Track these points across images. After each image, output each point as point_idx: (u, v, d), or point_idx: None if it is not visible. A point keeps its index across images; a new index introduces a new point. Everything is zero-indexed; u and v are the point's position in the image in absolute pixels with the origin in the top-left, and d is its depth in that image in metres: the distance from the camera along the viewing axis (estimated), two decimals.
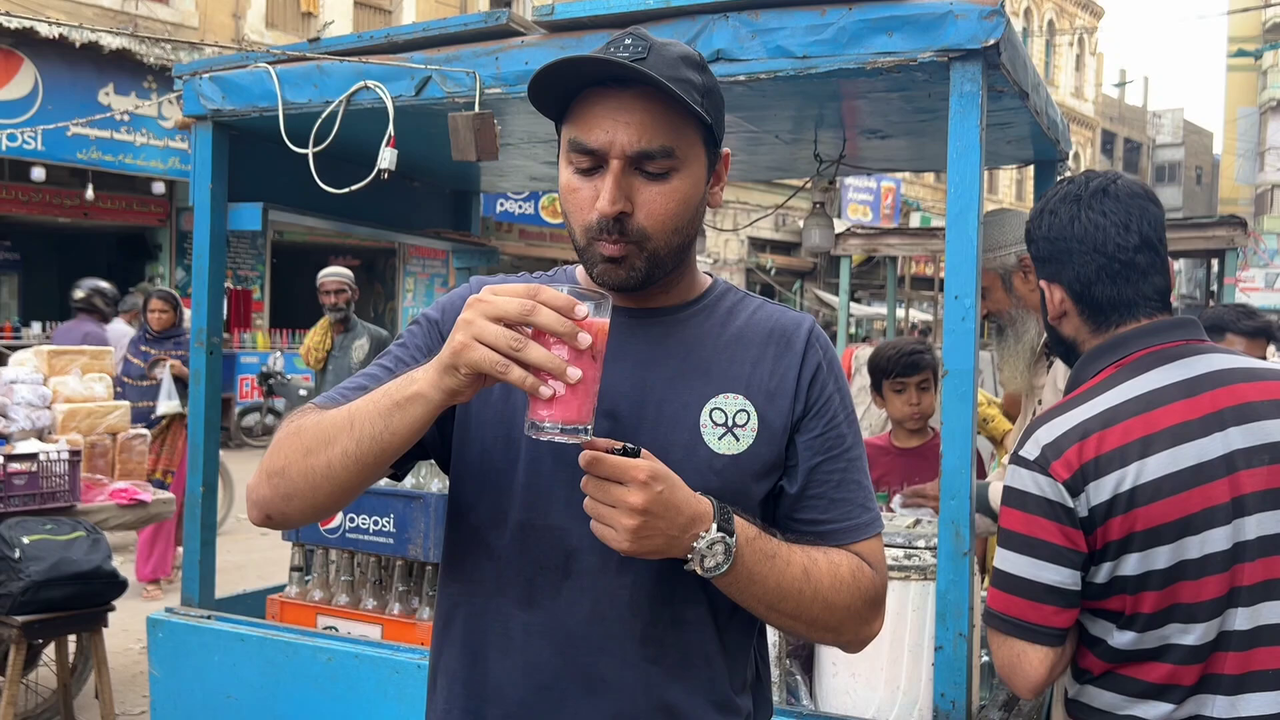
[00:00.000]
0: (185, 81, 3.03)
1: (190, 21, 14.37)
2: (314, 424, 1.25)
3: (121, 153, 13.32)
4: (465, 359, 1.11)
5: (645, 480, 1.16)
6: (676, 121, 1.28)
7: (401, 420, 1.17)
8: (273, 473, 1.27)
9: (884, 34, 2.27)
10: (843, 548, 1.36)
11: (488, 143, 2.62)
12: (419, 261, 18.95)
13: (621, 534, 1.17)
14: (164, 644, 2.98)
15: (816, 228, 3.43)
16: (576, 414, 1.13)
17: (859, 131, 2.98)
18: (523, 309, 1.10)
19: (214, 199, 3.03)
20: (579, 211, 1.31)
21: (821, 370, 1.40)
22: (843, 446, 1.39)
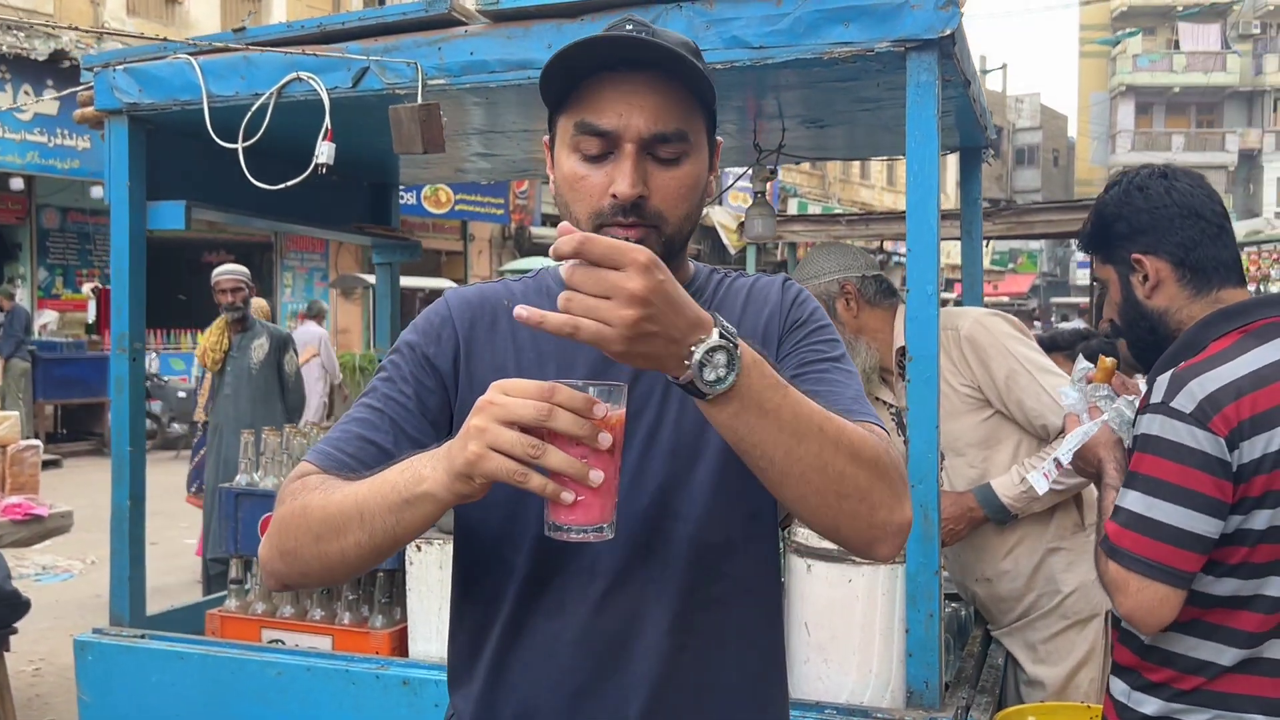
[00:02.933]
0: (97, 74, 2.86)
1: (44, 8, 13.62)
2: (320, 508, 1.20)
3: None
4: (481, 470, 1.05)
5: (646, 264, 1.00)
6: (687, 106, 1.28)
7: (412, 516, 1.13)
8: (285, 552, 1.24)
9: (840, 24, 2.29)
10: None
11: (434, 135, 2.55)
12: (297, 255, 18.43)
13: (617, 327, 1.00)
14: (94, 667, 2.82)
15: (759, 217, 3.46)
16: (599, 514, 1.10)
17: (799, 121, 3.00)
18: (539, 414, 1.04)
19: (132, 198, 2.87)
20: (587, 199, 1.28)
21: (795, 307, 1.39)
22: (822, 356, 1.34)
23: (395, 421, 1.32)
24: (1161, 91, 42.59)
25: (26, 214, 14.23)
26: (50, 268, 14.63)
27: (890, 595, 2.36)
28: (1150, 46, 41.75)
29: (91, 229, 15.08)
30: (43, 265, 14.45)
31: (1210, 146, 42.13)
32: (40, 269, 14.43)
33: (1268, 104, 42.32)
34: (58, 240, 14.76)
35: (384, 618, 2.82)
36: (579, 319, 1.01)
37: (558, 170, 1.33)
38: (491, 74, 2.55)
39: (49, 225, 14.60)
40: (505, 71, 2.54)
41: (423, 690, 2.56)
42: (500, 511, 1.32)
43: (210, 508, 5.76)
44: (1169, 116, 43.63)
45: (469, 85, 2.58)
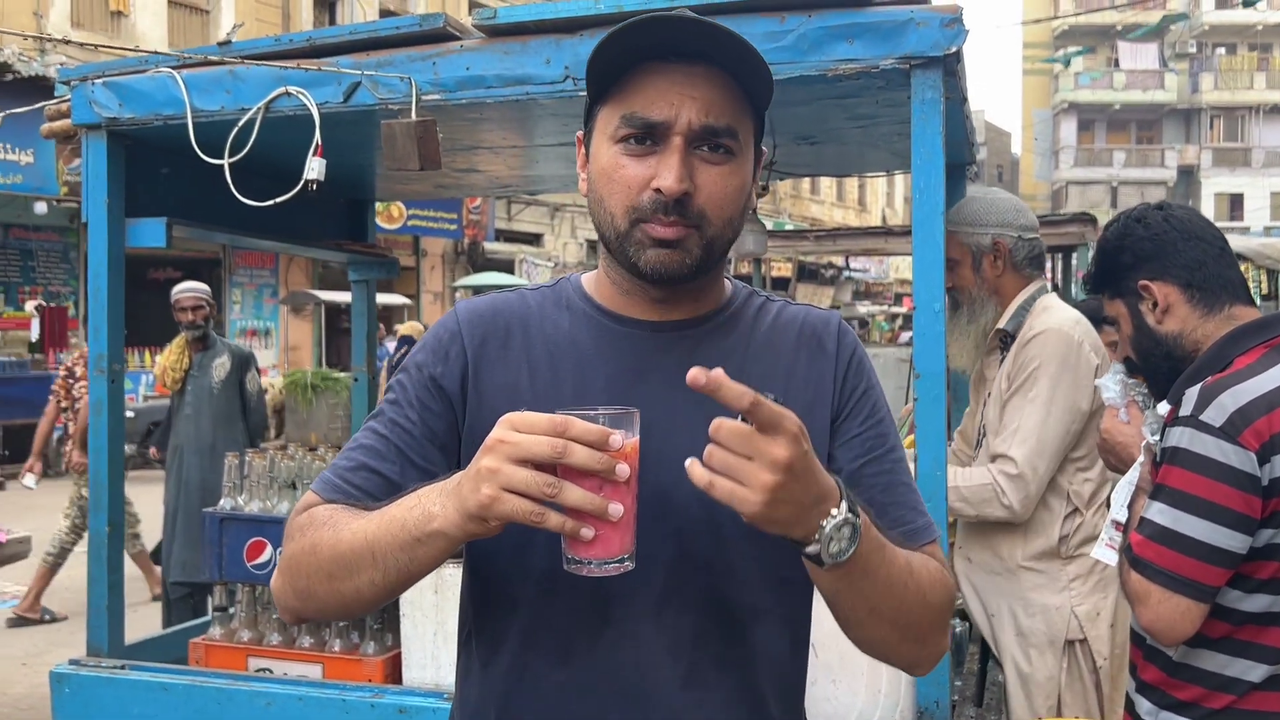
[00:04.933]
0: (74, 87, 2.77)
1: None
2: (330, 546, 1.16)
3: None
4: (496, 512, 1.01)
5: (796, 433, 0.99)
6: (740, 105, 1.21)
7: (425, 554, 1.09)
8: (299, 591, 1.21)
9: (844, 41, 2.28)
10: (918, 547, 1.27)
11: (431, 151, 2.50)
12: (246, 271, 18.16)
13: (757, 492, 0.98)
14: (72, 700, 2.72)
15: (750, 234, 3.44)
16: (619, 546, 1.06)
17: (791, 138, 2.99)
18: (554, 450, 0.99)
19: (111, 215, 2.78)
20: (625, 192, 1.19)
21: (854, 369, 1.31)
22: (885, 446, 1.30)
23: (401, 450, 1.26)
24: (1103, 108, 43.56)
25: None
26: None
27: None
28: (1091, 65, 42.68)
29: (34, 245, 14.74)
30: None
31: (1150, 163, 43.15)
32: None
33: (1204, 121, 43.44)
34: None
35: (376, 644, 2.75)
36: (716, 476, 0.99)
37: (594, 163, 1.24)
38: (488, 89, 2.51)
39: None
40: (502, 87, 2.51)
41: (419, 718, 2.49)
42: (511, 539, 1.17)
43: (171, 531, 5.61)
44: (1110, 133, 44.61)
45: (465, 101, 2.54)
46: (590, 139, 1.26)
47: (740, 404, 0.98)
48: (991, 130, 46.83)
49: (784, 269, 20.75)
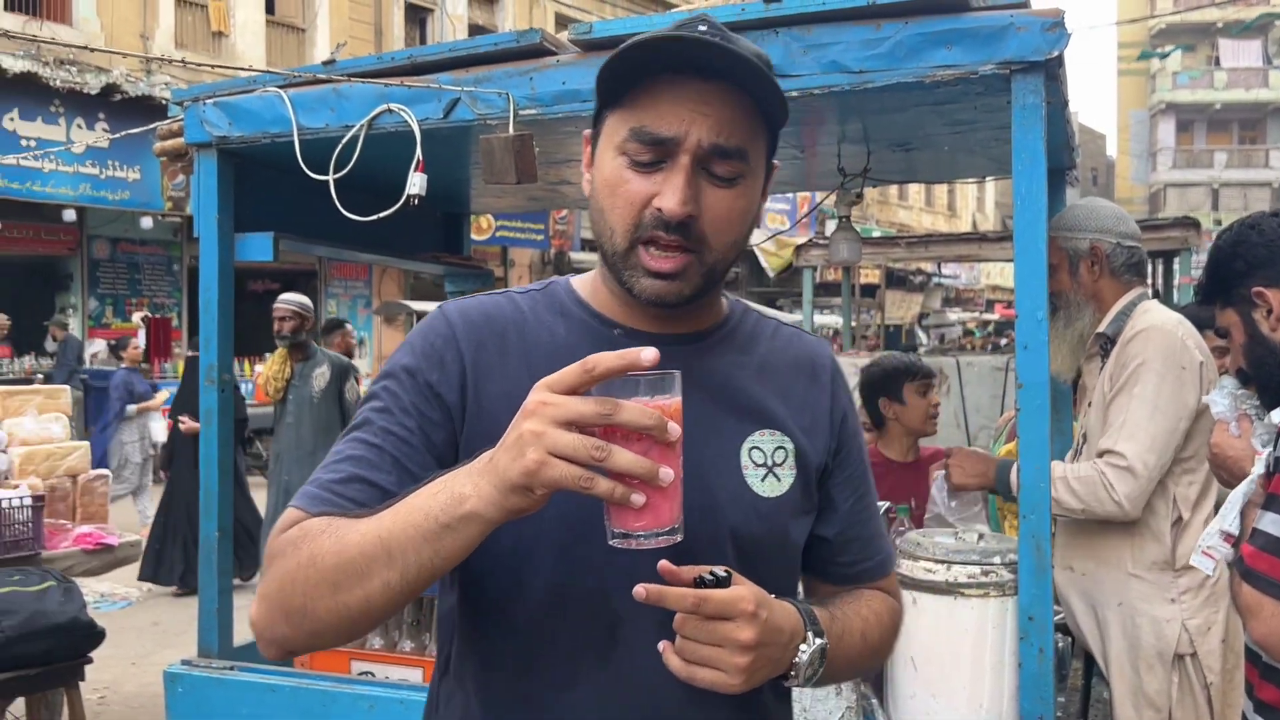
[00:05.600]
0: (186, 108, 2.88)
1: (96, 43, 13.86)
2: (334, 554, 1.04)
3: (29, 180, 12.78)
4: (544, 479, 0.93)
5: (754, 611, 1.05)
6: (753, 124, 1.16)
7: (453, 543, 0.99)
8: (291, 611, 1.07)
9: (943, 47, 2.26)
10: (874, 583, 1.37)
11: (527, 164, 2.54)
12: (341, 283, 18.58)
13: (733, 674, 1.05)
14: (184, 699, 2.82)
15: (844, 241, 3.43)
16: (670, 515, 0.99)
17: (886, 145, 2.97)
18: (602, 410, 0.93)
19: (221, 230, 2.89)
20: (627, 207, 1.15)
21: (846, 405, 1.35)
22: (867, 484, 1.37)
23: (397, 459, 1.16)
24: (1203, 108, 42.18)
25: (78, 245, 14.45)
26: (101, 298, 14.82)
27: (1000, 629, 2.30)
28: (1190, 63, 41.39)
29: (141, 259, 15.28)
30: (94, 295, 14.64)
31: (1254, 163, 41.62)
32: (91, 299, 14.62)
33: None
34: (108, 270, 14.96)
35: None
36: (694, 668, 1.05)
37: (597, 171, 1.20)
38: (584, 103, 2.54)
39: (99, 256, 14.81)
40: None
41: None
42: (509, 557, 1.17)
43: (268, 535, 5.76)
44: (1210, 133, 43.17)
45: (560, 115, 2.58)
46: (597, 142, 1.22)
47: (684, 607, 1.03)
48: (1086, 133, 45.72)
49: (872, 275, 20.53)
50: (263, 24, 16.39)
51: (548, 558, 1.16)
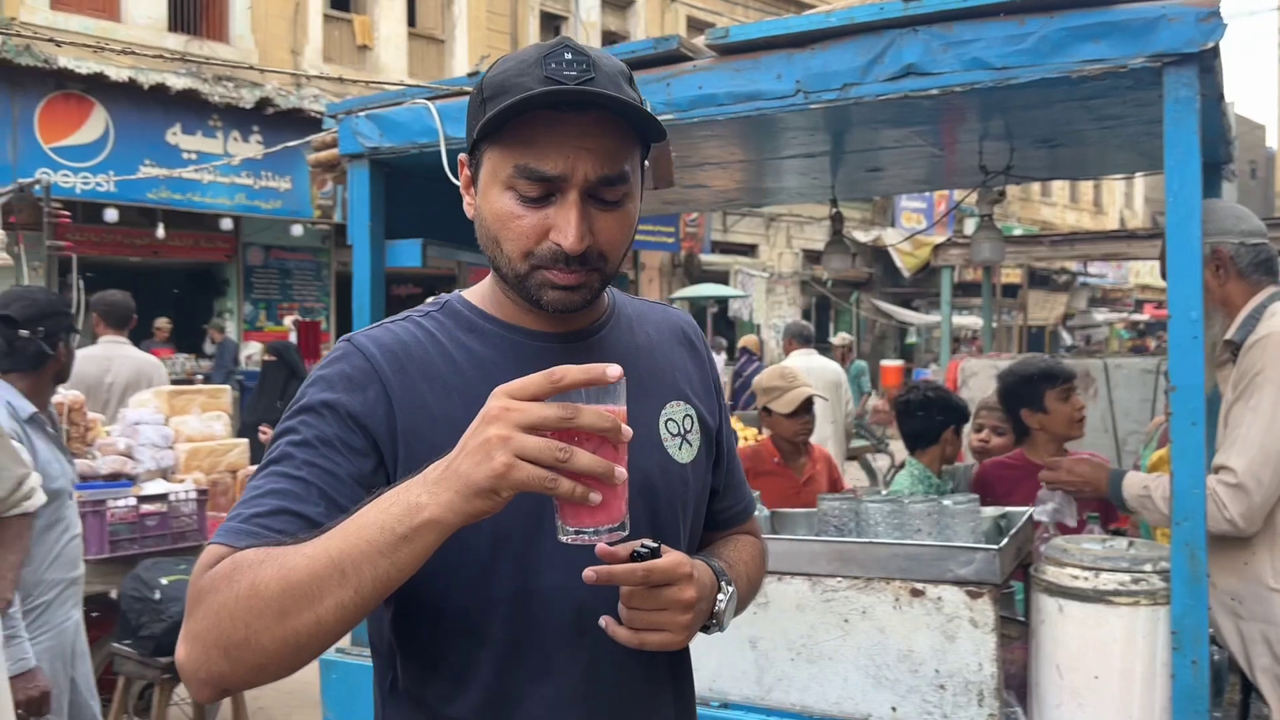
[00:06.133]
0: (340, 120, 3.02)
1: (250, 59, 14.55)
2: (279, 580, 1.01)
3: (189, 191, 13.50)
4: (511, 481, 0.97)
5: (690, 572, 1.17)
6: (629, 143, 1.22)
7: (410, 553, 1.00)
8: (230, 646, 1.03)
9: (1089, 41, 2.20)
10: (745, 526, 1.54)
11: (664, 170, 2.58)
12: None
13: (679, 632, 1.17)
14: (338, 685, 2.95)
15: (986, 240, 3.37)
16: (620, 511, 1.06)
17: (1030, 141, 2.91)
18: (565, 414, 0.98)
19: (373, 237, 3.02)
20: (522, 239, 1.20)
21: (714, 367, 1.49)
22: (734, 439, 1.53)
23: (324, 491, 1.15)
24: None
25: (234, 252, 15.20)
26: (255, 302, 15.55)
27: (1151, 638, 2.23)
28: None
29: (291, 265, 15.97)
30: (248, 300, 15.37)
31: None
32: (246, 303, 15.35)
33: None
34: (261, 276, 15.69)
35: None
36: (644, 634, 1.17)
37: (485, 203, 1.22)
38: (719, 107, 2.57)
39: (254, 262, 15.54)
40: (733, 104, 2.56)
41: None
42: (468, 572, 1.21)
43: None
44: None
45: (696, 119, 2.61)
46: (477, 171, 1.25)
47: (634, 580, 1.13)
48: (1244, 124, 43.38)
49: (1013, 275, 19.92)
50: (405, 36, 16.92)
51: (507, 567, 1.21)
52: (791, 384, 3.86)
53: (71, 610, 3.31)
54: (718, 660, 2.58)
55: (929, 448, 3.57)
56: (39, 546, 3.11)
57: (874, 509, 2.56)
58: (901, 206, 24.06)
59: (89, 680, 3.43)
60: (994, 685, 2.32)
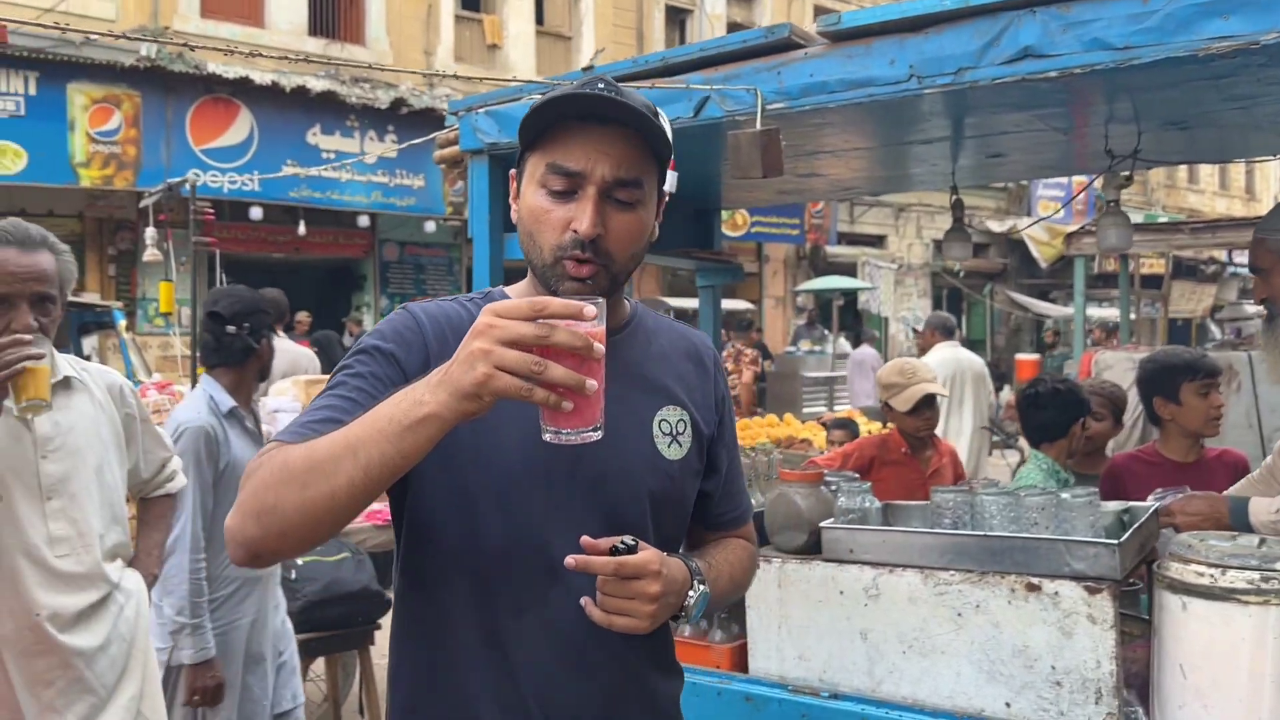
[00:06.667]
0: (461, 117, 3.11)
1: (385, 60, 15.04)
2: (303, 458, 1.22)
3: (329, 190, 14.03)
4: (491, 388, 1.13)
5: (659, 570, 1.37)
6: (645, 159, 1.44)
7: (414, 442, 1.17)
8: (262, 511, 1.23)
9: (1218, 18, 2.11)
10: (739, 531, 1.73)
11: (773, 159, 2.58)
12: None
13: (643, 620, 1.37)
14: None
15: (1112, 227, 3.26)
16: (593, 416, 1.21)
17: (1158, 124, 2.80)
18: (539, 332, 1.14)
19: (492, 229, 3.10)
20: (550, 232, 1.42)
21: (724, 388, 1.68)
22: (737, 449, 1.74)
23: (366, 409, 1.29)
24: None
25: (371, 248, 15.74)
26: (390, 296, 16.07)
27: None
28: None
29: (425, 260, 16.45)
30: (384, 294, 15.90)
31: None
32: (382, 297, 15.88)
33: None
34: (396, 271, 16.21)
35: (724, 633, 2.86)
36: (613, 617, 1.37)
37: (522, 203, 1.47)
38: (830, 94, 2.56)
39: (389, 258, 16.06)
40: (844, 91, 2.54)
41: (765, 707, 2.58)
42: (466, 517, 1.43)
43: None
44: None
45: (808, 107, 2.60)
46: (521, 180, 1.50)
47: (606, 571, 1.34)
48: None
49: (1156, 265, 19.07)
50: (533, 34, 17.22)
51: (496, 515, 1.43)
52: (910, 380, 3.80)
53: (246, 609, 3.31)
54: (829, 651, 2.57)
55: (1056, 441, 3.48)
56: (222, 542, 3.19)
57: (989, 501, 2.51)
58: (1038, 195, 23.28)
59: (266, 685, 3.38)
60: (1112, 683, 2.25)
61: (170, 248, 5.84)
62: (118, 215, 13.06)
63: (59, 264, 2.43)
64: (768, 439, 7.10)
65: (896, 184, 4.03)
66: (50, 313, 2.39)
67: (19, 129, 11.53)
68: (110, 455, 2.61)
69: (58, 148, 11.85)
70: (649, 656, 1.57)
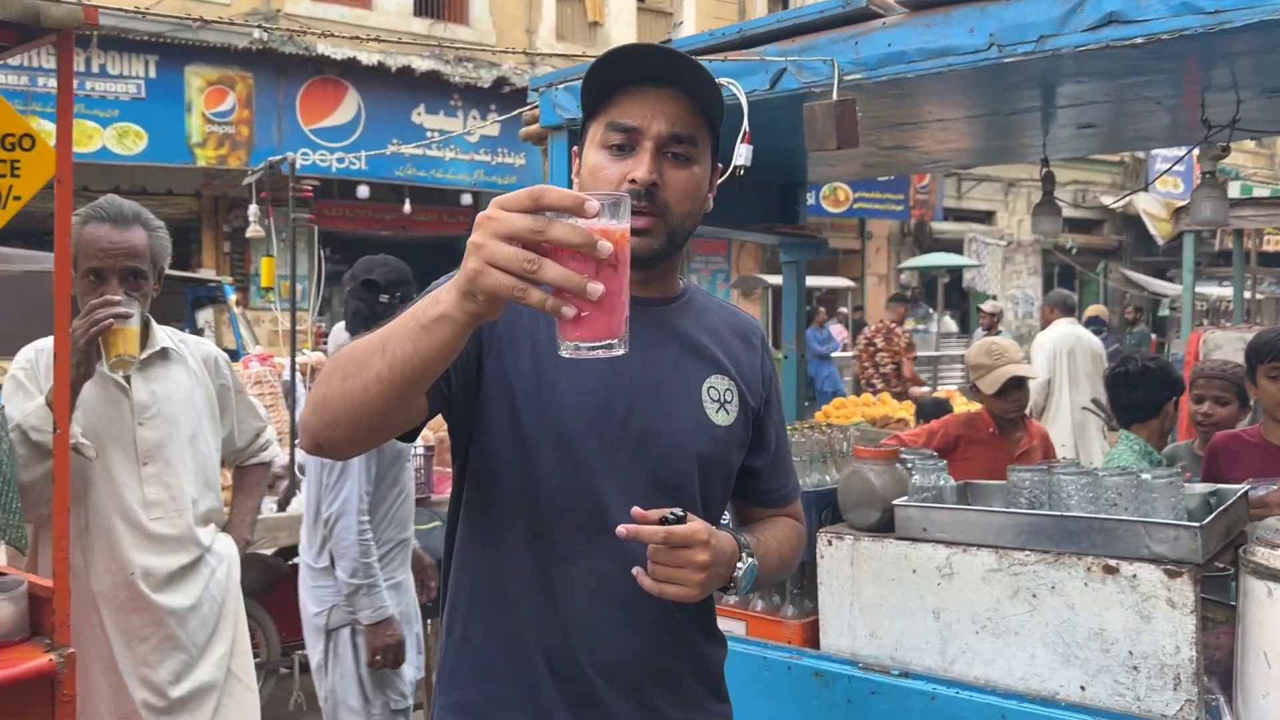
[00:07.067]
0: (541, 94, 3.14)
1: (488, 40, 15.22)
2: (349, 352, 1.25)
3: (434, 169, 14.28)
4: (480, 285, 1.06)
5: (707, 539, 1.39)
6: (699, 121, 1.49)
7: (430, 343, 1.14)
8: (318, 402, 1.27)
9: None
10: (787, 508, 1.76)
11: (849, 130, 2.55)
12: (701, 258, 19.21)
13: (692, 588, 1.39)
14: None
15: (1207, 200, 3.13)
16: (606, 330, 1.09)
17: (1258, 91, 2.68)
18: (534, 226, 1.04)
19: None
20: (607, 185, 1.45)
21: (771, 368, 1.71)
22: (785, 428, 1.77)
23: None
24: None
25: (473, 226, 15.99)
26: None
27: None
28: None
29: None
30: None
31: None
32: None
33: None
34: None
35: (796, 608, 2.86)
36: (664, 585, 1.39)
37: (584, 164, 1.52)
38: (909, 64, 2.51)
39: None
40: (923, 60, 2.50)
41: (835, 684, 2.57)
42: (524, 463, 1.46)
43: None
44: None
45: (885, 78, 2.56)
46: (583, 149, 1.54)
47: (655, 540, 1.37)
48: None
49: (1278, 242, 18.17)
50: (634, 11, 17.21)
51: (554, 463, 1.46)
52: (997, 361, 3.72)
53: (398, 572, 3.39)
54: (901, 629, 2.55)
55: (1148, 421, 3.37)
56: (379, 506, 3.27)
57: (1067, 481, 2.44)
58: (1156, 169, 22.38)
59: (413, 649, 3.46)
60: (1192, 670, 2.18)
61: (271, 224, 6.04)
62: (232, 194, 13.53)
63: (151, 240, 2.54)
64: (863, 418, 7.02)
65: (986, 156, 3.93)
66: (142, 287, 2.50)
67: (140, 111, 12.03)
68: (204, 424, 2.73)
69: (176, 129, 12.32)
70: (694, 618, 1.59)
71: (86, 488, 2.49)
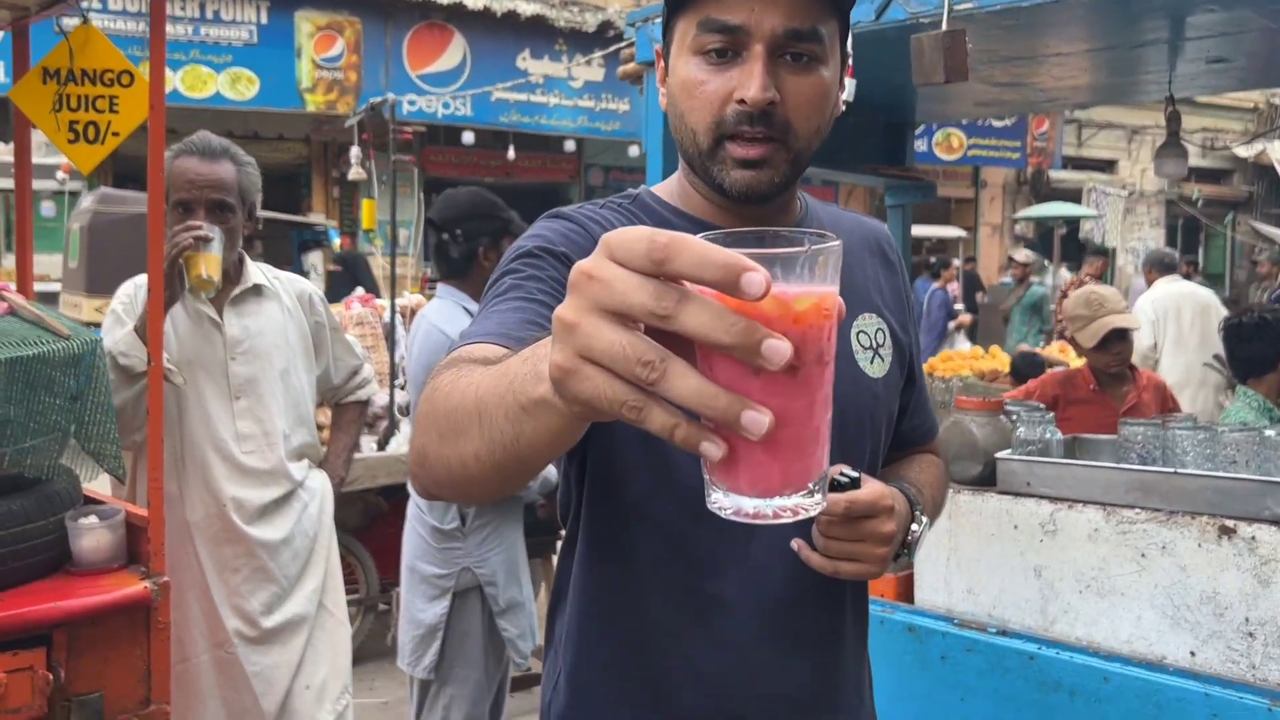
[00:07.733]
0: (638, 29, 3.06)
1: None
2: (445, 398, 0.88)
3: (538, 114, 14.28)
4: (571, 394, 0.64)
5: (891, 505, 1.15)
6: (822, 6, 1.13)
7: (535, 431, 0.74)
8: (419, 454, 0.93)
9: None
10: (929, 444, 1.51)
11: (958, 63, 2.41)
12: None
13: (876, 564, 1.16)
14: None
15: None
16: (781, 478, 0.65)
17: None
18: (656, 306, 0.59)
19: (666, 146, 3.06)
20: (707, 107, 1.13)
21: (908, 281, 1.43)
22: (920, 358, 1.46)
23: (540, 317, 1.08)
24: None
25: (577, 173, 16.00)
26: None
27: None
28: None
29: (629, 185, 16.55)
30: None
31: None
32: None
33: None
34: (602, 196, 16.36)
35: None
36: (839, 563, 1.15)
37: (672, 77, 1.19)
38: None
39: (594, 182, 16.28)
40: None
41: (929, 639, 2.50)
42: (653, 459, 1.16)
43: None
44: None
45: (999, 7, 2.41)
46: (668, 52, 1.21)
47: (838, 512, 1.11)
48: None
49: None
50: None
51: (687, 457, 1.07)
52: (1097, 313, 3.53)
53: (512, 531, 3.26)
54: (1000, 586, 2.46)
55: (1265, 376, 3.17)
56: None
57: (1183, 436, 2.31)
58: None
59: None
60: None
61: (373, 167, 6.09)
62: (340, 139, 13.76)
63: (240, 174, 2.56)
64: (970, 371, 6.82)
65: (1107, 94, 3.72)
66: (229, 220, 2.53)
67: (252, 56, 12.27)
68: (297, 360, 2.76)
69: (286, 74, 12.54)
70: (857, 621, 1.35)
71: (180, 418, 2.55)
